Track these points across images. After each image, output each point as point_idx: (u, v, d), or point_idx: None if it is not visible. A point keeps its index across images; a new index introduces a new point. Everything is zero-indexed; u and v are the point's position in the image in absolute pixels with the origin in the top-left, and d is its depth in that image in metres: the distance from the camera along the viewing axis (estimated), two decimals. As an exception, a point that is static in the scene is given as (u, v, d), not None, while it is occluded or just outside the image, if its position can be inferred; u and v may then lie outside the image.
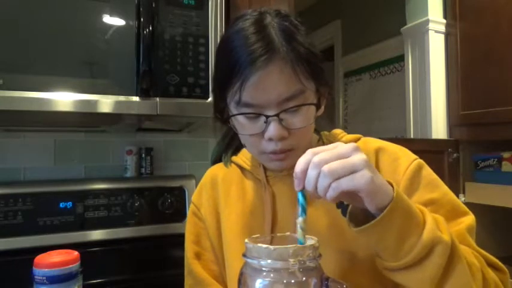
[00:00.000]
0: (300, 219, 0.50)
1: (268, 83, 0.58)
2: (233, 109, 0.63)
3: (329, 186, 0.47)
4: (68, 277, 0.61)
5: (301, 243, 0.50)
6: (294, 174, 0.50)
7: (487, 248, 0.61)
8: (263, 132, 0.61)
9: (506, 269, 0.61)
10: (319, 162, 0.48)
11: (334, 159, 0.48)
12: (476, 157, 1.78)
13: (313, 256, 0.48)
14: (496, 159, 1.69)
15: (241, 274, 0.50)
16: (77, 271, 0.63)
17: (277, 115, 0.59)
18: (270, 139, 0.60)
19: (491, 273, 0.57)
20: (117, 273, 1.24)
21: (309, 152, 0.50)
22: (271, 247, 0.47)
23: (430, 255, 0.50)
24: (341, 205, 0.65)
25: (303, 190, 0.51)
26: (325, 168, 0.47)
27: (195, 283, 0.75)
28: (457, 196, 1.71)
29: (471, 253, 0.57)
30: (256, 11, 0.63)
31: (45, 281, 0.59)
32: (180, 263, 0.79)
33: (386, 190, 0.49)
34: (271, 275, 0.47)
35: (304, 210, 0.51)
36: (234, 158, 0.78)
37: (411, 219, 0.50)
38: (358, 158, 0.48)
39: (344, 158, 0.49)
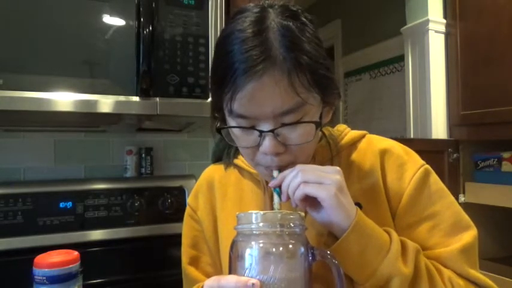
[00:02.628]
0: (275, 202, 0.57)
1: (261, 96, 0.53)
2: (227, 117, 0.59)
3: (298, 186, 0.53)
4: (68, 277, 0.61)
5: None
6: (274, 174, 0.57)
7: (487, 248, 0.62)
8: (258, 145, 0.57)
9: None
10: (299, 168, 0.54)
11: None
12: (476, 157, 1.78)
13: (299, 224, 0.51)
14: (496, 159, 1.69)
15: (232, 243, 0.52)
16: (77, 271, 0.63)
17: (272, 131, 0.54)
18: (265, 153, 0.57)
19: None
20: (117, 273, 1.24)
21: (297, 166, 0.55)
22: (261, 212, 0.50)
23: (388, 285, 0.53)
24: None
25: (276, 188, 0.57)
26: (300, 171, 0.53)
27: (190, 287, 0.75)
28: (457, 196, 1.72)
29: (447, 280, 0.57)
30: (259, 6, 0.57)
31: (45, 281, 0.59)
32: (180, 263, 0.79)
33: (349, 212, 0.53)
34: (261, 239, 0.49)
35: (278, 195, 0.57)
36: (235, 160, 0.76)
37: (369, 248, 0.53)
38: (334, 177, 0.53)
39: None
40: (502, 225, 1.79)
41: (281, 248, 0.49)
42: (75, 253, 0.64)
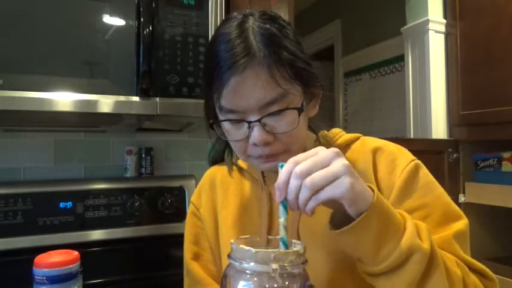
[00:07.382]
0: (281, 219, 0.51)
1: (245, 88, 0.57)
2: (219, 114, 0.63)
3: (310, 198, 0.48)
4: (68, 277, 0.61)
5: (284, 242, 0.50)
6: (275, 185, 0.50)
7: (487, 247, 0.61)
8: (248, 138, 0.60)
9: (494, 277, 0.60)
10: (300, 173, 0.48)
11: (316, 169, 0.48)
12: (476, 157, 1.78)
13: (296, 262, 0.47)
14: (496, 159, 1.69)
15: (224, 275, 0.50)
16: (77, 271, 0.63)
17: (259, 120, 0.58)
18: (255, 144, 0.60)
19: (475, 283, 0.57)
20: (117, 273, 1.24)
21: (291, 161, 0.50)
22: (253, 250, 0.46)
23: (408, 262, 0.50)
24: None
25: (283, 201, 0.51)
26: (307, 181, 0.48)
27: (193, 283, 0.76)
28: (457, 196, 1.72)
29: (454, 262, 0.57)
30: (241, 13, 0.63)
31: (45, 281, 0.59)
32: (180, 262, 0.79)
33: (367, 195, 0.50)
34: (254, 278, 0.46)
35: (285, 209, 0.51)
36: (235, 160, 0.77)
37: (389, 225, 0.51)
38: (339, 164, 0.49)
39: (325, 165, 0.49)
40: (502, 225, 1.79)
41: None
42: (75, 253, 0.64)
